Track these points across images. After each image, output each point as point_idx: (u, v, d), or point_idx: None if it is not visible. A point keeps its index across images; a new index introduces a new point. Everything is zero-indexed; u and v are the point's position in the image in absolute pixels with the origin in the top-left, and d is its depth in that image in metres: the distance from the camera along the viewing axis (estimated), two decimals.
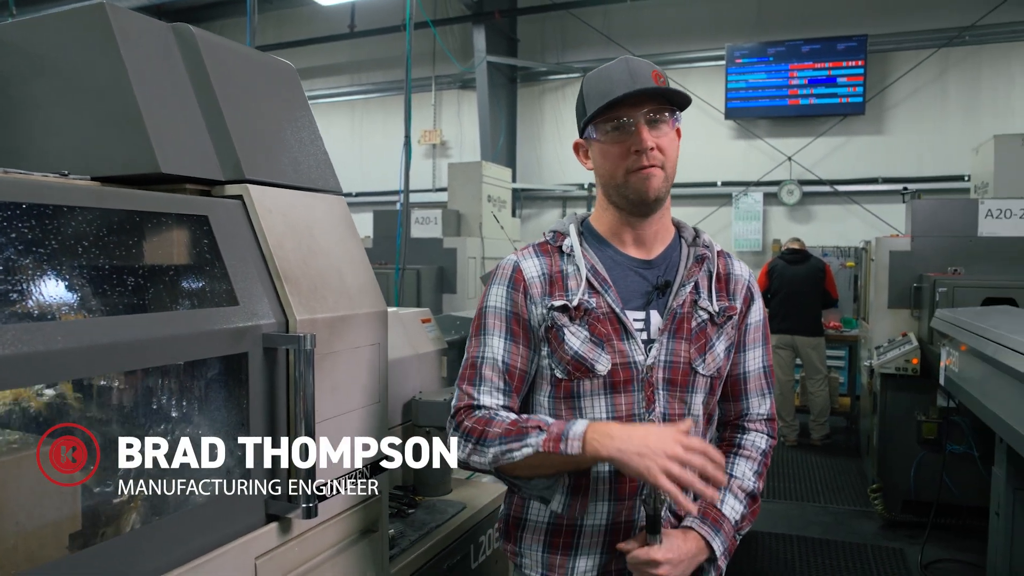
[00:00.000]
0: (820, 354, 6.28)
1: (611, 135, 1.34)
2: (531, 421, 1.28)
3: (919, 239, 4.77)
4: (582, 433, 1.21)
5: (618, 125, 1.32)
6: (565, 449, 1.20)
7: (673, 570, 1.24)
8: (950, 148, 7.95)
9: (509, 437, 1.26)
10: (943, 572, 3.88)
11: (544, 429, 1.24)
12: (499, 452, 1.26)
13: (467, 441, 1.31)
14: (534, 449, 1.23)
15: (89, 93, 1.31)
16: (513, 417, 1.31)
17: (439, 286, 6.24)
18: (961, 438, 4.14)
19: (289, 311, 1.35)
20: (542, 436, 1.23)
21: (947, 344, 3.41)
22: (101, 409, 1.23)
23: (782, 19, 8.70)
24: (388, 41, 9.79)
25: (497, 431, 1.28)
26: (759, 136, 8.89)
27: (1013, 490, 2.86)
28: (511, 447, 1.25)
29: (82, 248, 1.12)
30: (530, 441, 1.24)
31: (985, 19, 7.72)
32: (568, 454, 1.20)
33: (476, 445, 1.30)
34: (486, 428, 1.29)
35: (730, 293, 1.43)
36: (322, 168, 1.62)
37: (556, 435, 1.22)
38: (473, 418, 1.33)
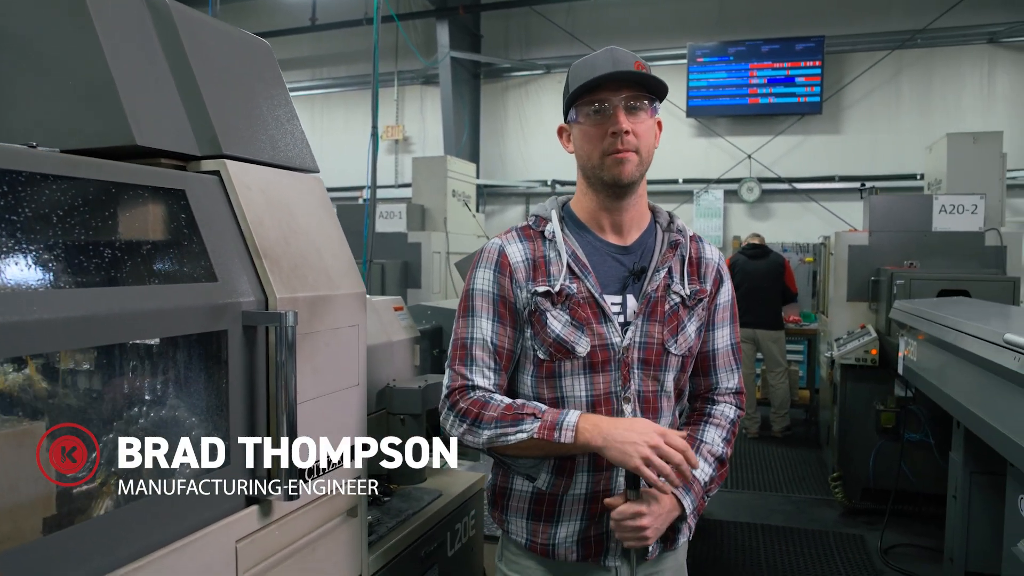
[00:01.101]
0: (780, 347, 6.40)
1: (591, 118, 1.40)
2: (526, 408, 1.35)
3: (876, 234, 4.89)
4: (575, 424, 1.31)
5: (599, 108, 1.39)
6: (559, 438, 1.30)
7: (654, 521, 1.33)
8: (904, 147, 8.18)
9: (505, 422, 1.34)
10: (902, 556, 3.98)
11: (539, 416, 1.33)
12: (494, 435, 1.35)
13: (462, 421, 1.39)
14: (529, 435, 1.32)
15: (59, 64, 1.26)
16: (508, 401, 1.38)
17: (404, 280, 6.18)
18: (918, 427, 4.26)
19: (269, 289, 1.32)
20: (537, 423, 1.32)
21: (905, 334, 3.50)
22: (74, 390, 1.19)
23: (743, 19, 8.85)
24: (350, 35, 9.69)
25: (493, 415, 1.36)
26: (720, 134, 9.03)
27: (969, 474, 2.95)
28: (506, 431, 1.34)
29: (56, 219, 1.08)
30: (525, 427, 1.33)
31: (936, 22, 7.96)
32: (561, 443, 1.30)
33: (471, 426, 1.37)
34: (482, 411, 1.37)
35: (701, 276, 1.52)
36: (299, 147, 1.59)
37: (551, 424, 1.32)
38: (468, 399, 1.40)
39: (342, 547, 1.53)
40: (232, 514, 1.24)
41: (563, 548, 1.42)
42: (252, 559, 1.27)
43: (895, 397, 4.35)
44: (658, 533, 1.35)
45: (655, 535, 1.34)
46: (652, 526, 1.32)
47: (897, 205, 4.96)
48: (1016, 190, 7.84)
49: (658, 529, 1.34)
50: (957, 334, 2.61)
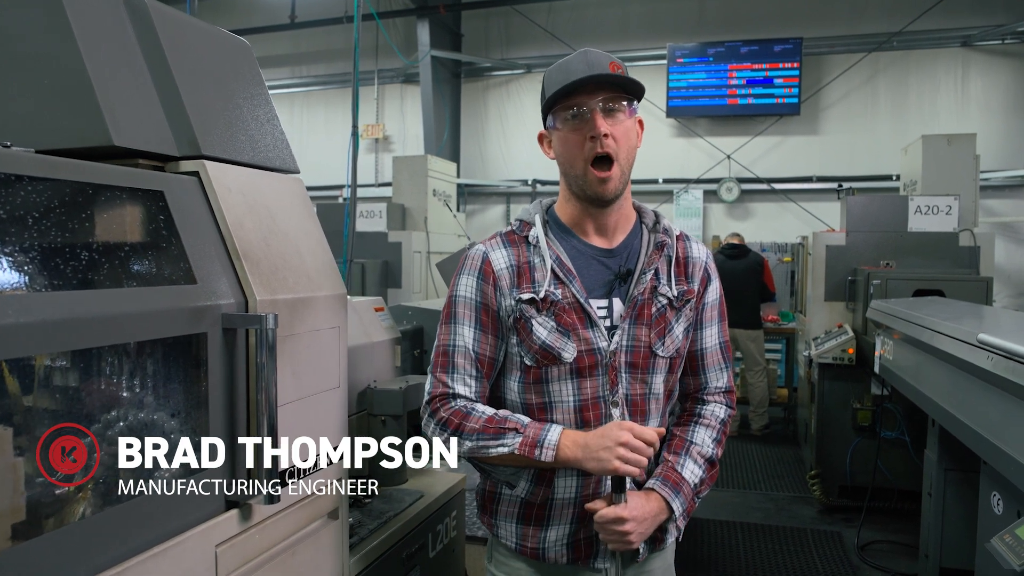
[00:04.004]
0: (759, 346, 6.46)
1: (569, 123, 1.39)
2: (508, 422, 1.35)
3: (853, 234, 4.95)
4: (556, 442, 1.32)
5: (576, 113, 1.38)
6: (540, 456, 1.31)
7: (637, 527, 1.32)
8: (880, 148, 8.27)
9: (486, 435, 1.35)
10: (878, 553, 4.04)
11: (521, 432, 1.33)
12: (475, 447, 1.35)
13: (443, 431, 1.39)
14: (510, 450, 1.33)
15: (33, 61, 1.24)
16: (490, 413, 1.38)
17: (384, 280, 6.16)
18: (894, 424, 4.32)
19: (249, 291, 1.30)
20: (518, 439, 1.33)
21: (882, 333, 3.55)
22: (50, 394, 1.17)
23: (722, 20, 8.90)
24: (330, 33, 9.63)
25: (474, 427, 1.36)
26: (699, 134, 9.08)
27: (944, 471, 3.00)
28: (487, 444, 1.34)
29: (31, 221, 1.06)
30: (506, 442, 1.33)
31: (912, 26, 8.06)
32: (542, 461, 1.31)
33: (453, 436, 1.38)
34: (463, 422, 1.37)
35: (688, 276, 1.50)
36: (280, 147, 1.57)
37: (532, 440, 1.32)
38: (450, 409, 1.39)
39: (323, 550, 1.52)
40: (211, 518, 1.22)
41: (553, 551, 1.42)
42: (232, 563, 1.26)
43: (872, 395, 4.41)
44: (643, 537, 1.35)
45: (639, 539, 1.34)
46: (636, 530, 1.31)
47: (874, 205, 5.03)
48: (989, 191, 7.97)
49: (642, 533, 1.34)
50: (932, 334, 2.65)
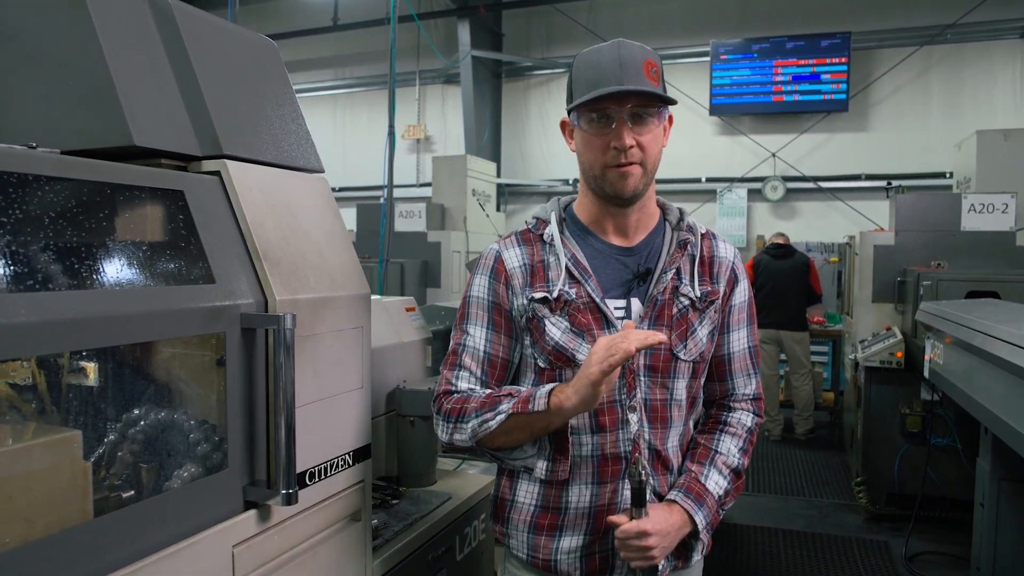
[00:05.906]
0: (804, 349, 6.30)
1: (593, 126, 1.33)
2: (503, 391, 1.33)
3: (903, 233, 4.79)
4: (548, 391, 1.27)
5: (602, 116, 1.32)
6: (533, 407, 1.26)
7: (661, 540, 1.27)
8: (932, 144, 8.00)
9: (484, 409, 1.32)
10: (927, 564, 3.89)
11: (515, 396, 1.30)
12: (476, 424, 1.32)
13: (448, 422, 1.37)
14: (506, 414, 1.28)
15: (58, 63, 1.25)
16: (488, 392, 1.36)
17: (423, 280, 6.19)
18: (945, 431, 4.16)
19: (269, 291, 1.30)
20: (512, 400, 1.29)
21: (932, 337, 3.41)
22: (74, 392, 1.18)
23: (766, 16, 8.71)
24: (372, 35, 9.70)
25: (473, 406, 1.33)
26: (743, 132, 8.91)
27: (998, 481, 2.86)
28: (486, 417, 1.31)
29: (51, 221, 1.07)
30: (502, 408, 1.29)
31: (966, 17, 7.77)
32: (535, 411, 1.26)
33: (456, 423, 1.35)
34: (464, 405, 1.35)
35: (713, 276, 1.43)
36: (303, 147, 1.57)
37: (524, 397, 1.28)
38: (452, 400, 1.38)
39: (345, 552, 1.51)
40: (229, 518, 1.22)
41: (566, 563, 1.37)
42: (250, 564, 1.25)
43: (921, 400, 4.25)
44: (665, 552, 1.29)
45: (662, 554, 1.28)
46: (659, 545, 1.26)
47: (924, 204, 4.84)
48: None
49: (665, 548, 1.28)
50: (986, 337, 2.54)
